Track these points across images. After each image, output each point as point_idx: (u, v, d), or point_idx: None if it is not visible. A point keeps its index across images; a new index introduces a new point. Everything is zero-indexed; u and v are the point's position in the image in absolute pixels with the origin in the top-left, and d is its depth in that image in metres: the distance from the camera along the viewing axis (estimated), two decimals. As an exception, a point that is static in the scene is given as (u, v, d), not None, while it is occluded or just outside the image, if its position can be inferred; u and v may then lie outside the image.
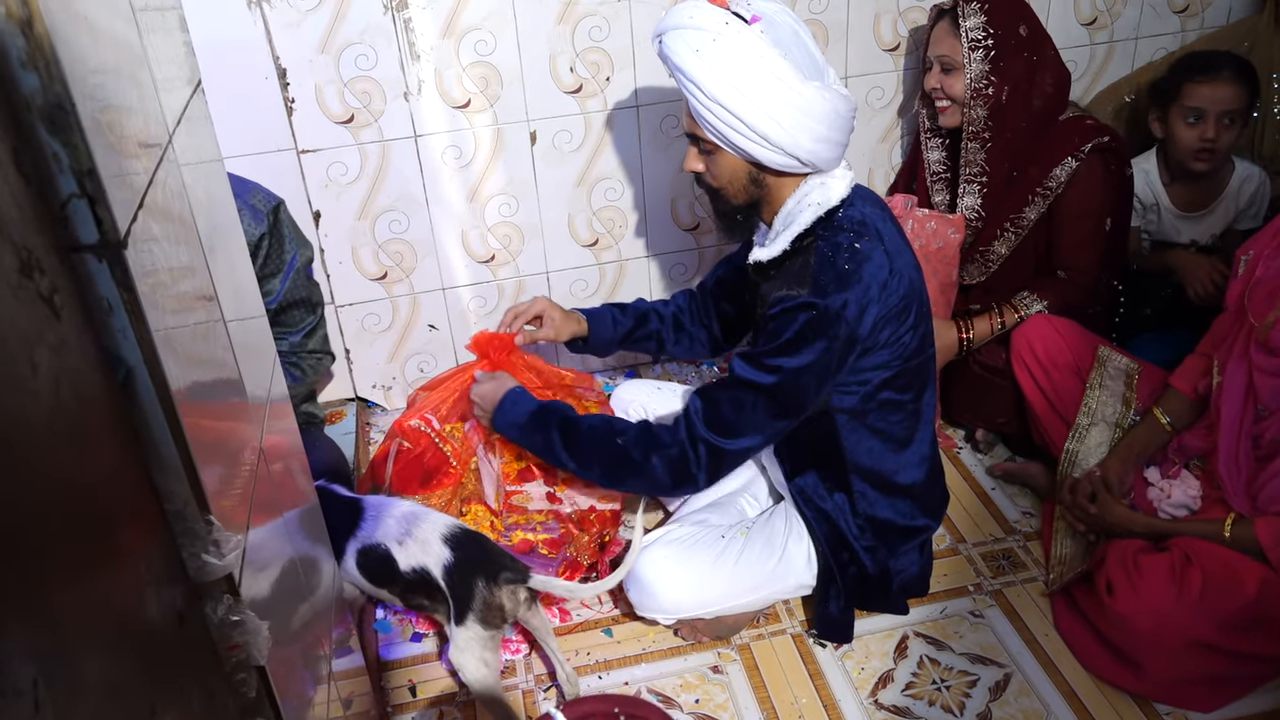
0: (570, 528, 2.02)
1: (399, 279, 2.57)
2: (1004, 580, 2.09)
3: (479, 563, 1.70)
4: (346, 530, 1.76)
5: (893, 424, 1.79)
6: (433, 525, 1.74)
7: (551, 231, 2.60)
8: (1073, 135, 2.22)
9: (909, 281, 1.70)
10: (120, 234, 0.74)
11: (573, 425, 1.82)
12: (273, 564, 1.11)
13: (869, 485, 1.84)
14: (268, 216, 2.06)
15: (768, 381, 1.66)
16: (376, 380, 2.72)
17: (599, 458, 1.79)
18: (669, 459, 1.73)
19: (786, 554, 1.89)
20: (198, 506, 0.86)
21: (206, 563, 0.86)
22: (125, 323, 0.76)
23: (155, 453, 0.82)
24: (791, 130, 1.61)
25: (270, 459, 1.18)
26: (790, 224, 1.71)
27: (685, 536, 1.89)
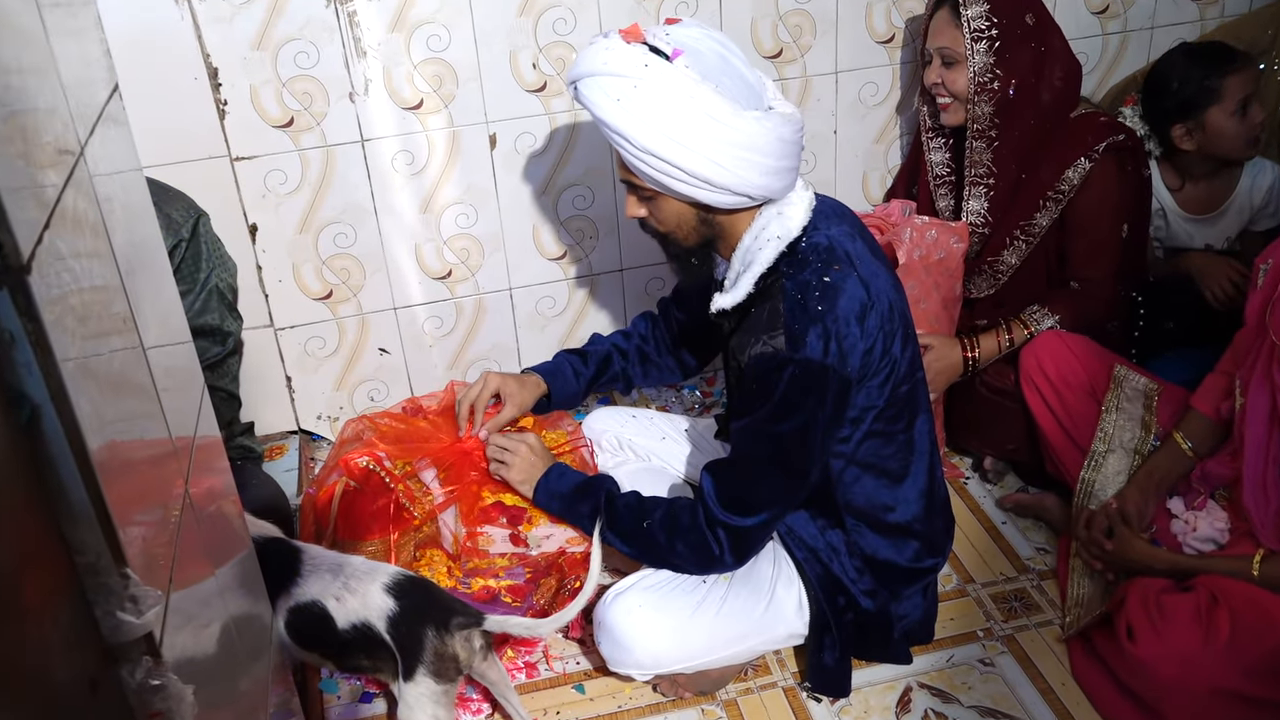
0: (537, 573, 2.01)
1: (345, 298, 2.56)
2: (1016, 624, 2.10)
3: (427, 610, 1.70)
4: (280, 585, 1.74)
5: (885, 458, 1.80)
6: (372, 575, 1.73)
7: (515, 244, 2.60)
8: (1085, 133, 2.24)
9: (888, 303, 1.70)
10: (23, 258, 0.73)
11: (613, 501, 1.91)
12: (200, 621, 1.10)
13: (864, 524, 1.84)
14: (185, 225, 2.05)
15: (770, 452, 1.70)
16: (322, 410, 2.70)
17: (631, 537, 1.87)
18: (692, 545, 1.80)
19: (775, 599, 1.88)
20: (112, 559, 0.85)
21: (122, 621, 0.86)
22: (29, 356, 0.76)
23: (64, 500, 0.81)
24: (735, 169, 1.61)
25: (198, 503, 1.17)
26: (750, 263, 1.72)
27: (662, 582, 1.88)
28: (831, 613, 1.87)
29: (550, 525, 2.03)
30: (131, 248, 1.08)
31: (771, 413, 1.66)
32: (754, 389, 1.68)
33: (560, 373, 2.18)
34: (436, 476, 2.05)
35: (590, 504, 1.94)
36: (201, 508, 1.19)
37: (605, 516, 1.88)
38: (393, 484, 2.02)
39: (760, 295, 1.71)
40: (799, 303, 1.64)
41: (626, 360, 2.22)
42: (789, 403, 1.65)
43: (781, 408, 1.66)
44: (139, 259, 1.11)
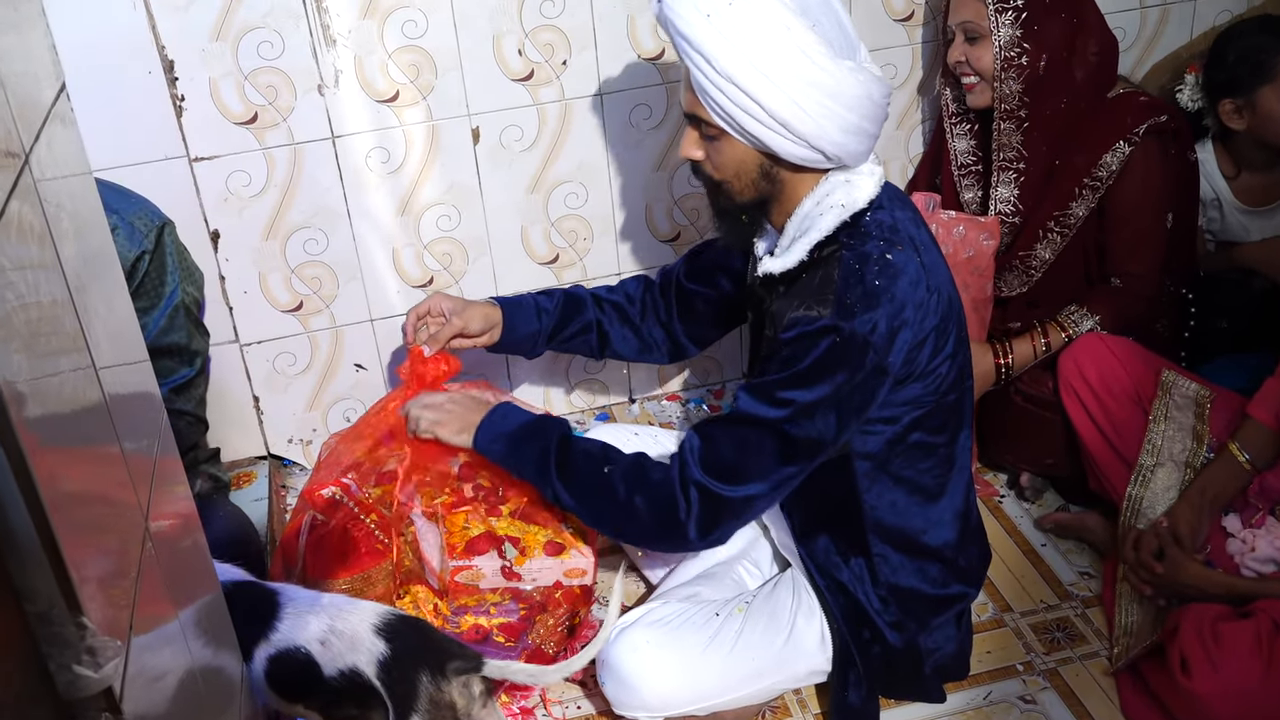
0: (532, 609, 2.00)
1: (317, 309, 2.56)
2: (1059, 657, 2.09)
3: (421, 653, 1.69)
4: (256, 631, 1.73)
5: (921, 472, 1.79)
6: (361, 616, 1.72)
7: (502, 247, 2.60)
8: (1124, 115, 2.24)
9: (947, 300, 1.71)
10: (-38, 275, 0.73)
11: (569, 444, 1.84)
12: (165, 674, 1.09)
13: (891, 547, 1.83)
14: (149, 236, 2.04)
15: (776, 416, 1.65)
16: (293, 433, 2.70)
17: (584, 486, 1.80)
18: (655, 500, 1.73)
19: (795, 633, 1.88)
20: (66, 606, 0.84)
21: (79, 675, 0.85)
22: (-30, 382, 0.75)
23: (11, 542, 0.80)
24: (816, 118, 1.61)
25: (159, 540, 1.16)
26: (808, 229, 1.72)
27: (671, 616, 1.88)
28: (856, 646, 1.86)
29: (546, 557, 2.03)
30: (82, 260, 1.08)
31: (793, 376, 1.64)
32: (784, 354, 1.67)
33: (521, 304, 2.16)
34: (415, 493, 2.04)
35: (539, 445, 1.85)
36: (163, 545, 1.18)
37: (556, 458, 1.81)
38: (362, 513, 2.01)
39: (813, 265, 1.72)
40: (855, 273, 1.65)
41: (602, 312, 2.21)
42: (817, 371, 1.63)
43: (806, 375, 1.64)
44: (90, 272, 1.11)
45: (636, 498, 1.74)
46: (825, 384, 1.63)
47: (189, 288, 2.16)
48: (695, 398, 2.90)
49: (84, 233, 1.13)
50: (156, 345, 2.10)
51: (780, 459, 1.68)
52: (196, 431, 2.25)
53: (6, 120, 0.92)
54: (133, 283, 2.03)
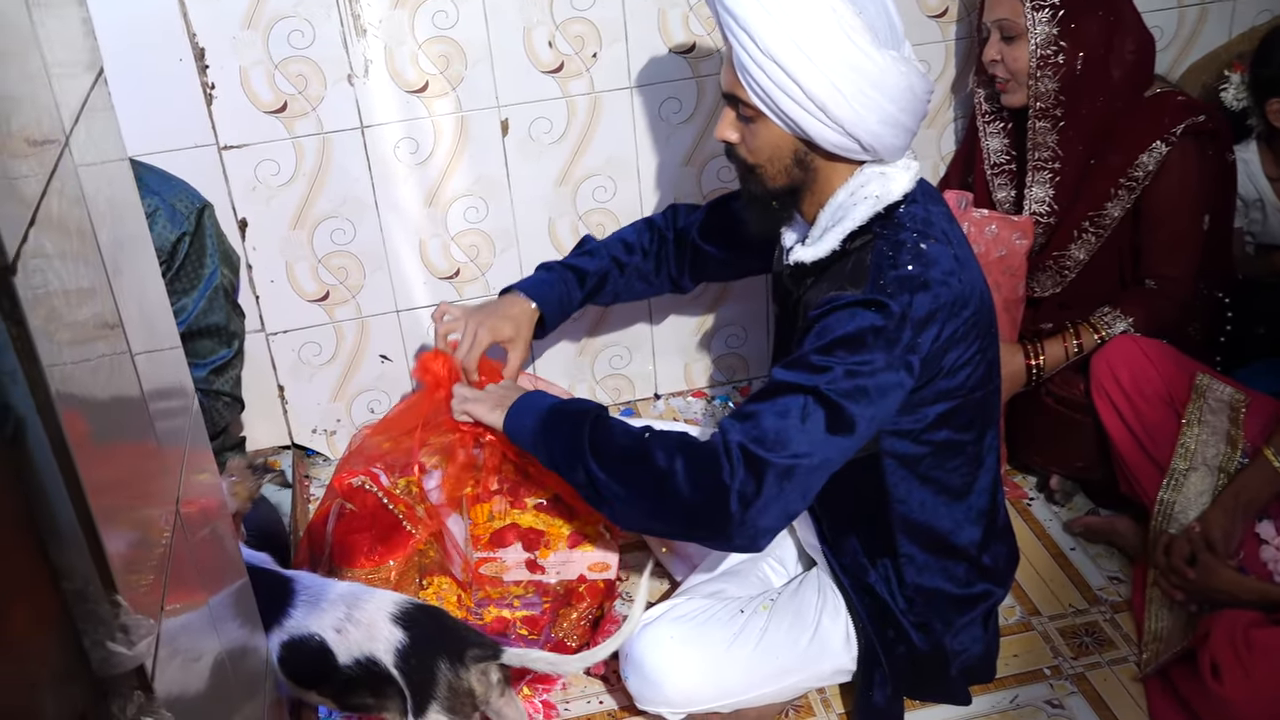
0: (556, 602, 2.02)
1: (343, 300, 2.58)
2: (1088, 661, 2.09)
3: (439, 641, 1.71)
4: (271, 618, 1.75)
5: (949, 471, 1.80)
6: (378, 605, 1.75)
7: (529, 240, 2.62)
8: (1161, 114, 2.24)
9: (979, 295, 1.72)
10: (9, 257, 0.75)
11: (604, 420, 1.81)
12: (194, 654, 1.12)
13: (918, 547, 1.84)
14: (189, 218, 2.07)
15: (817, 382, 1.63)
16: (317, 424, 2.72)
17: (619, 457, 1.75)
18: (697, 462, 1.67)
19: (820, 632, 1.89)
20: (101, 585, 0.87)
21: (113, 653, 0.87)
22: (14, 364, 0.77)
23: (50, 521, 0.82)
24: (856, 105, 1.62)
25: (190, 524, 1.18)
26: (841, 219, 1.73)
27: (695, 612, 1.89)
28: (881, 646, 1.87)
29: (570, 550, 2.04)
30: (117, 245, 1.10)
31: (829, 344, 1.64)
32: (816, 328, 1.67)
33: (554, 299, 2.18)
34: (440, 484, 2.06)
35: (572, 421, 1.81)
36: (193, 529, 1.20)
37: (590, 433, 1.78)
38: (390, 504, 2.03)
39: (844, 254, 1.73)
40: (889, 259, 1.66)
41: (624, 276, 2.24)
42: (852, 341, 1.62)
43: (842, 343, 1.63)
44: (125, 257, 1.13)
45: (677, 461, 1.68)
46: (866, 352, 1.63)
47: (226, 270, 2.19)
48: (721, 394, 2.91)
49: (120, 218, 1.15)
50: (197, 327, 2.13)
51: (825, 426, 1.64)
52: (233, 411, 2.28)
53: (48, 104, 0.95)
54: (173, 264, 2.07)
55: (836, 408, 1.63)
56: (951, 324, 1.67)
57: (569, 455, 1.80)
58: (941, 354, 1.68)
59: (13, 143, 0.82)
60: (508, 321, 2.13)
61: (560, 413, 1.86)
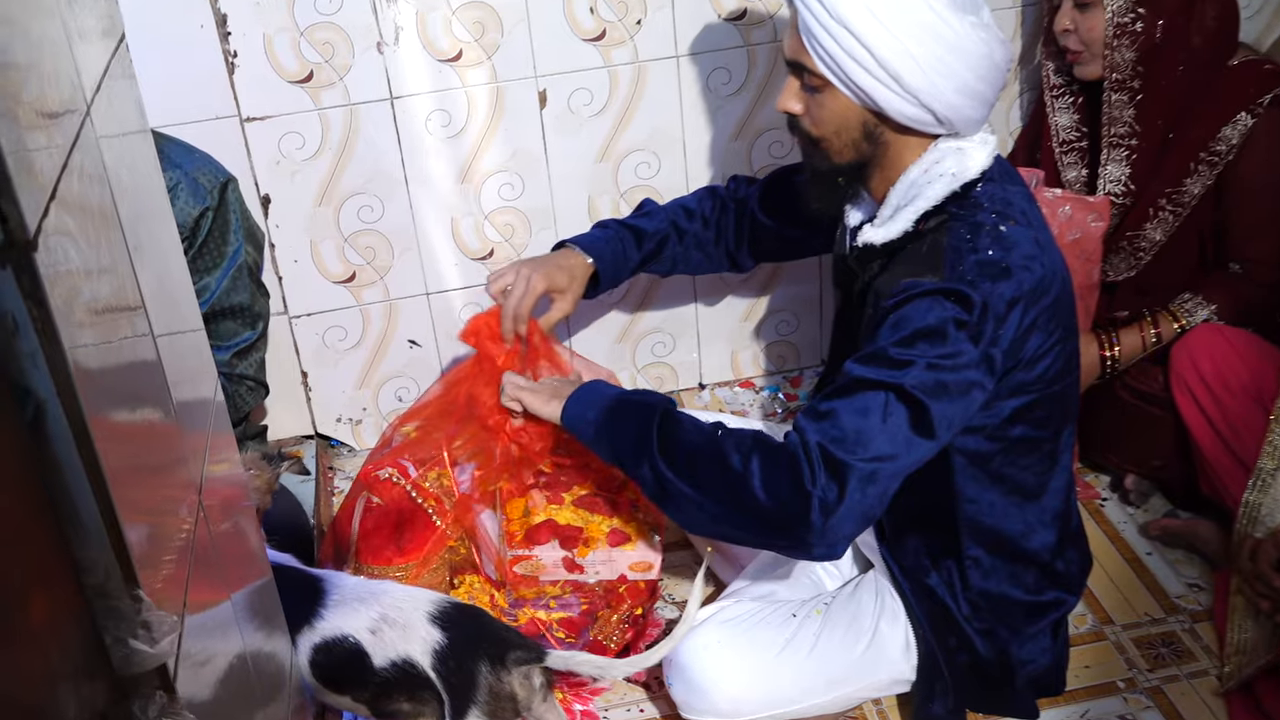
0: (594, 603, 2.02)
1: (371, 281, 2.59)
2: (1164, 674, 2.08)
3: (480, 643, 1.72)
4: (300, 619, 1.77)
5: (1023, 469, 1.79)
6: (415, 604, 1.76)
7: (567, 219, 2.62)
8: (1246, 84, 2.21)
9: (1060, 282, 1.70)
10: (29, 232, 0.75)
11: (674, 415, 1.78)
12: (216, 656, 1.12)
13: (985, 550, 1.83)
14: (212, 192, 2.09)
15: (899, 379, 1.61)
16: (342, 412, 2.74)
17: (691, 456, 1.72)
18: (775, 465, 1.64)
19: (878, 638, 1.89)
20: (123, 578, 0.87)
21: (135, 650, 0.88)
22: (35, 345, 0.78)
23: (71, 511, 0.83)
24: (931, 74, 1.62)
25: (212, 516, 1.19)
26: (914, 198, 1.72)
27: (745, 615, 1.89)
28: (943, 655, 1.86)
29: (610, 549, 2.05)
30: (139, 220, 1.11)
31: (909, 336, 1.62)
32: (893, 319, 1.65)
33: (609, 256, 2.17)
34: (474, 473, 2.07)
35: (640, 415, 1.78)
36: (216, 520, 1.21)
37: (660, 427, 1.75)
38: (419, 497, 2.04)
39: (917, 236, 1.72)
40: (968, 242, 1.65)
41: (683, 245, 2.24)
42: (937, 333, 1.61)
43: (927, 336, 1.61)
44: (147, 233, 1.14)
45: (753, 462, 1.65)
46: (944, 347, 1.61)
47: (250, 248, 2.21)
48: (771, 385, 2.91)
49: (142, 192, 1.16)
50: (219, 307, 2.15)
51: (909, 425, 1.62)
52: (257, 396, 2.30)
53: (69, 72, 0.95)
54: (195, 241, 2.08)
55: (919, 406, 1.61)
56: (1032, 312, 1.65)
57: (635, 451, 1.77)
58: (1020, 344, 1.66)
59: (33, 112, 0.82)
60: (562, 271, 2.12)
61: (626, 404, 1.83)
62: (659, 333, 2.82)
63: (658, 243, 2.22)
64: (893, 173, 1.76)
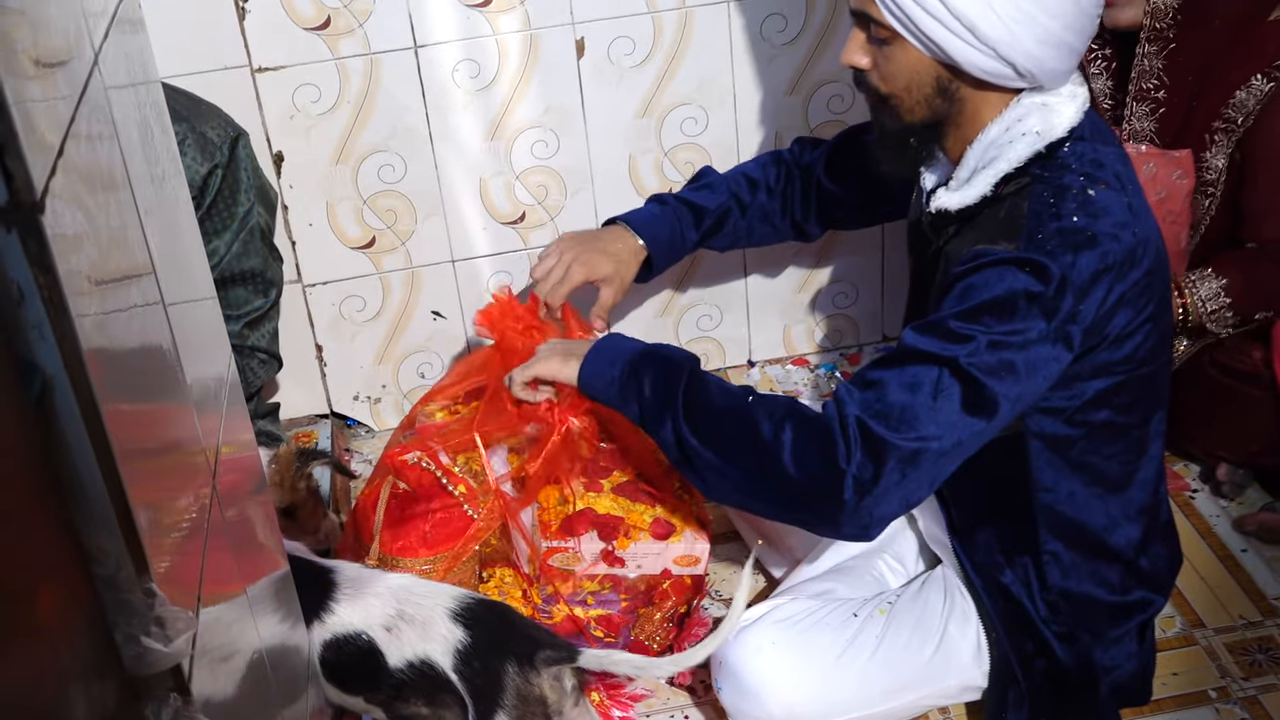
0: (636, 600, 2.02)
1: (391, 247, 2.60)
2: (1261, 683, 2.06)
3: (507, 641, 1.72)
4: (308, 613, 1.77)
5: (1106, 459, 1.78)
6: (434, 599, 1.76)
7: (606, 179, 2.61)
8: (1264, 43, 2.18)
9: (1154, 252, 1.68)
10: (36, 192, 0.75)
11: (702, 379, 1.78)
12: (232, 654, 1.13)
13: (1065, 545, 1.82)
14: (221, 148, 2.09)
15: (955, 353, 1.60)
16: (359, 389, 2.74)
17: (718, 420, 1.72)
18: (808, 437, 1.64)
19: (947, 641, 1.88)
20: (134, 569, 0.87)
21: (148, 649, 0.88)
22: (41, 316, 0.78)
23: (80, 496, 0.83)
24: (1010, 23, 1.60)
25: (227, 501, 1.19)
26: (994, 159, 1.71)
27: (801, 614, 1.89)
28: (1018, 660, 1.86)
29: (653, 541, 2.05)
30: (150, 180, 1.11)
31: (974, 309, 1.61)
32: (960, 288, 1.64)
33: (664, 239, 2.17)
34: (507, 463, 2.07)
35: (664, 369, 1.78)
36: (230, 506, 1.22)
37: (686, 386, 1.75)
38: (450, 484, 2.04)
39: (996, 200, 1.71)
40: (1050, 207, 1.64)
41: (746, 219, 2.24)
42: (1002, 307, 1.60)
43: (993, 309, 1.60)
44: (157, 193, 1.14)
45: (785, 432, 1.65)
46: (1011, 322, 1.60)
47: (262, 209, 2.21)
48: (827, 363, 2.90)
49: (152, 148, 1.16)
50: (229, 273, 2.16)
51: (961, 405, 1.61)
52: (269, 370, 2.32)
53: (75, 13, 0.95)
54: (203, 201, 2.09)
55: (976, 384, 1.60)
56: (1120, 286, 1.63)
57: (657, 411, 1.77)
58: (1105, 321, 1.65)
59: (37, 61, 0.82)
60: (607, 258, 2.13)
61: (651, 358, 1.83)
62: (705, 305, 2.81)
63: (718, 219, 2.21)
64: (970, 131, 1.74)
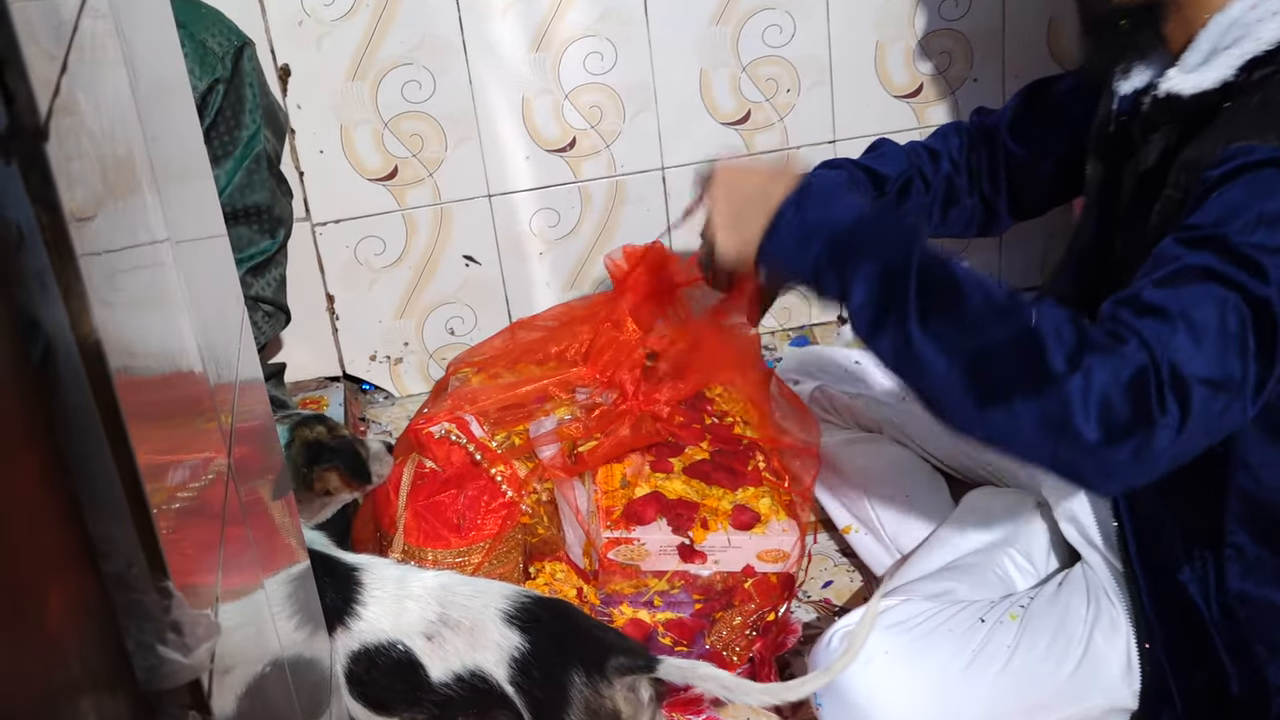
0: (712, 602, 2.02)
1: (417, 179, 2.60)
2: None
3: (572, 647, 1.72)
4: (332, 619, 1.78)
5: None
6: (483, 599, 1.76)
7: (672, 100, 2.61)
8: None
9: None
10: (40, 117, 0.75)
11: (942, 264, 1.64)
12: (252, 662, 1.13)
13: (1251, 536, 1.78)
14: (224, 60, 2.10)
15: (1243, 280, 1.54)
16: (377, 348, 2.75)
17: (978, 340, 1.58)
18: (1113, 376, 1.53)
19: (1092, 654, 1.87)
20: (148, 565, 0.88)
21: (165, 659, 0.88)
22: (44, 262, 0.77)
23: (87, 478, 0.83)
24: None
25: (244, 485, 1.20)
26: (1237, 39, 1.68)
27: (917, 619, 1.88)
28: (1177, 677, 1.85)
29: (734, 531, 2.04)
30: (154, 98, 1.11)
31: (1256, 221, 1.56)
32: (1222, 199, 1.60)
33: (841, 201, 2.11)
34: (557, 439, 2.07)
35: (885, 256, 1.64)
36: (247, 493, 1.22)
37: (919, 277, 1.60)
38: (486, 461, 2.05)
39: (1237, 91, 1.68)
40: None
41: (929, 192, 2.19)
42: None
43: (1270, 223, 1.55)
44: (164, 115, 1.14)
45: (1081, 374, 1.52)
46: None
47: (270, 133, 2.21)
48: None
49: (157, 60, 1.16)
50: (231, 208, 2.17)
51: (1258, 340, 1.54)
52: (276, 325, 2.33)
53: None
54: (202, 122, 2.09)
55: (1270, 315, 1.54)
56: None
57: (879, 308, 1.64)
58: None
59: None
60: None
61: (859, 233, 1.69)
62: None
63: (901, 188, 2.17)
64: (1197, 12, 1.72)
